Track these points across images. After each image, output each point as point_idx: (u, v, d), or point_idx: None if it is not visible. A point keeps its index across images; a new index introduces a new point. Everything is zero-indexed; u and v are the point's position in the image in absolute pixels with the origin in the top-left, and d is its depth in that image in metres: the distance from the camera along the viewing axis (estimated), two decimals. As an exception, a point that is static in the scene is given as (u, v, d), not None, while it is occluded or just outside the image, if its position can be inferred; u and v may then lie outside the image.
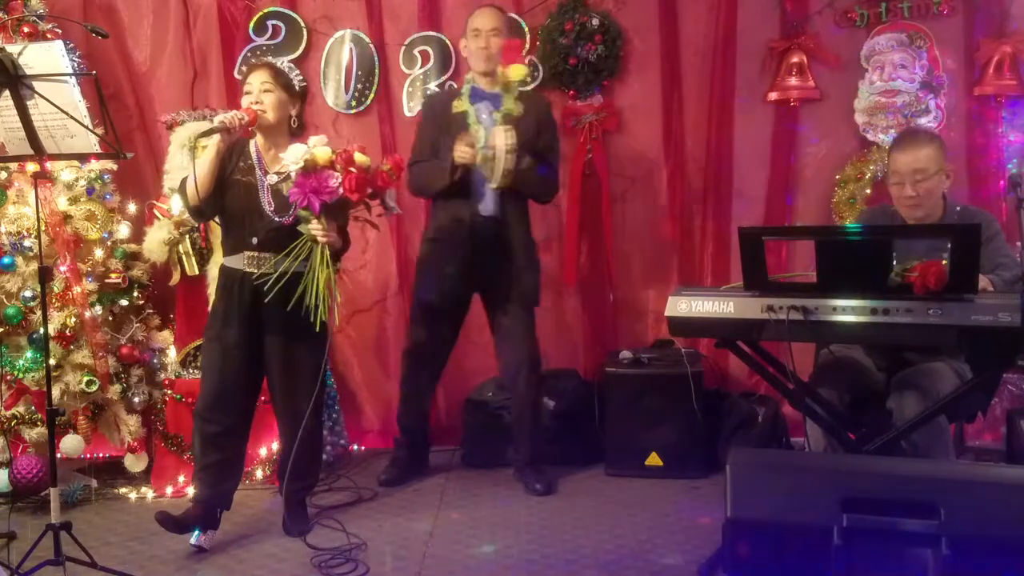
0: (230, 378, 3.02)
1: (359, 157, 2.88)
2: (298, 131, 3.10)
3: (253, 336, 3.03)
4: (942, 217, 2.96)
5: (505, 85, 3.49)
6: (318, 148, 2.82)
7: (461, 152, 3.38)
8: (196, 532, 3.06)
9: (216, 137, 2.89)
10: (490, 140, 3.40)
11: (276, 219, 2.96)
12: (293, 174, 2.80)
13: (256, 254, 2.98)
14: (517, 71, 3.45)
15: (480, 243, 3.52)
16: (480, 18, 3.58)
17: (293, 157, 2.79)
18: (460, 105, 3.54)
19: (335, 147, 2.88)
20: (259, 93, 2.99)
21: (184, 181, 2.99)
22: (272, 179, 2.96)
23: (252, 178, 3.00)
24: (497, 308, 3.64)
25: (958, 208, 3.06)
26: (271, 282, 2.88)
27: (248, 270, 2.98)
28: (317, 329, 2.89)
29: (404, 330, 4.27)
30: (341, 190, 2.81)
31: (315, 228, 2.86)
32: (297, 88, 3.10)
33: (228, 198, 2.99)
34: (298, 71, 3.21)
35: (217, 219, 3.14)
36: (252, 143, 3.07)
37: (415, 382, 3.76)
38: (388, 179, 3.00)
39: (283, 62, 3.15)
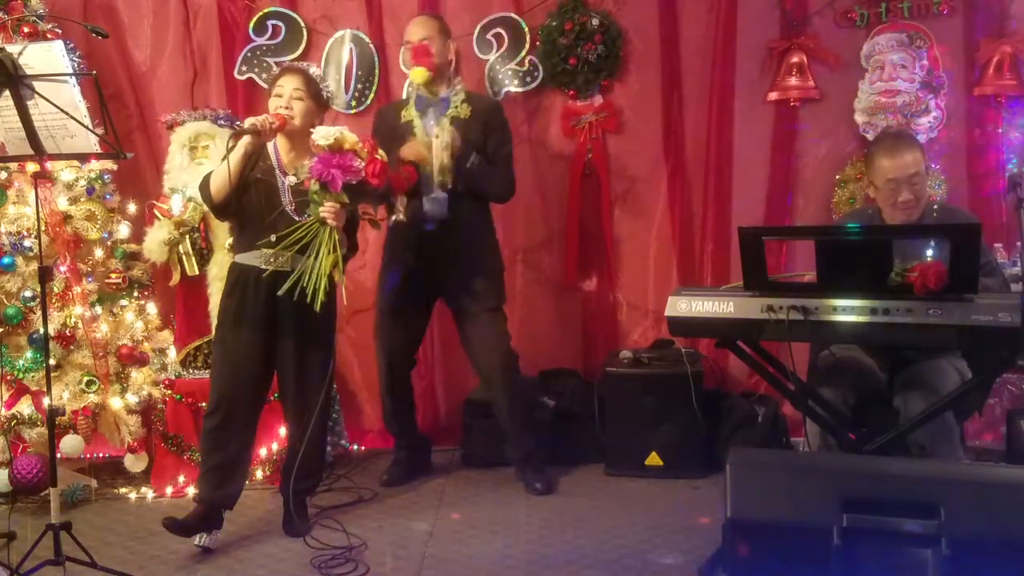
0: (241, 377, 3.04)
1: (381, 152, 2.94)
2: None
3: (265, 334, 3.04)
4: (921, 216, 2.96)
5: (424, 87, 3.47)
6: (347, 132, 2.88)
7: (411, 149, 3.40)
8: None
9: (246, 138, 2.92)
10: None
11: (296, 218, 2.98)
12: (318, 150, 2.85)
13: (273, 251, 2.98)
14: (417, 74, 3.45)
15: (426, 249, 3.51)
16: (411, 28, 3.59)
17: (322, 135, 2.83)
18: (407, 114, 3.55)
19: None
20: (289, 99, 3.02)
21: (205, 179, 3.00)
22: (292, 179, 3.00)
23: (272, 178, 3.03)
24: (459, 317, 3.64)
25: (936, 207, 3.07)
26: (289, 284, 2.89)
27: (265, 267, 2.99)
28: (317, 308, 2.87)
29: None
30: (363, 173, 2.85)
31: (326, 209, 2.87)
32: (325, 97, 3.12)
33: (247, 197, 3.01)
34: (328, 82, 3.22)
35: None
36: (271, 144, 3.09)
37: (386, 392, 3.75)
38: (404, 184, 3.03)
39: (314, 69, 3.18)
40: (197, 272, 3.77)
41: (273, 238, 2.97)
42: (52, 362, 3.16)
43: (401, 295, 3.62)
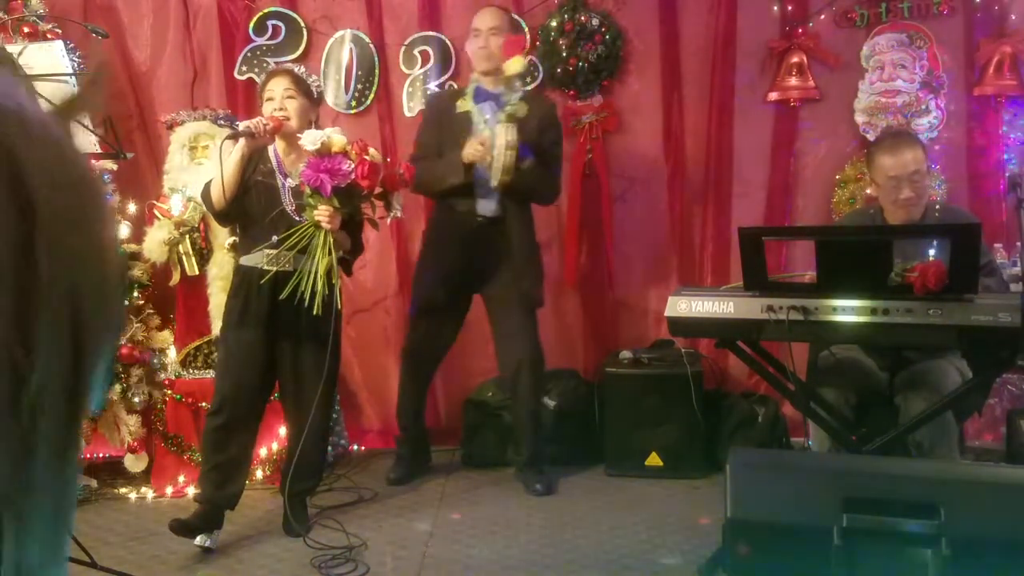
0: (244, 377, 3.04)
1: (372, 152, 2.95)
2: None
3: (268, 335, 3.05)
4: (923, 216, 2.96)
5: (506, 80, 3.46)
6: (334, 135, 2.88)
7: (473, 149, 3.39)
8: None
9: (242, 141, 2.93)
10: (494, 139, 3.41)
11: (297, 219, 2.99)
12: (307, 155, 2.87)
13: (275, 252, 2.99)
14: (514, 64, 3.41)
15: (478, 244, 3.52)
16: (479, 18, 3.60)
17: (310, 140, 2.84)
18: (464, 105, 3.54)
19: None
20: (282, 100, 3.03)
21: (206, 186, 3.02)
22: (292, 182, 3.01)
23: (273, 180, 3.04)
24: (497, 310, 3.65)
25: (937, 207, 3.07)
26: (288, 289, 2.92)
27: (267, 268, 3.00)
28: (316, 311, 2.89)
29: (404, 329, 4.29)
30: (353, 176, 2.85)
31: (320, 213, 2.88)
32: (315, 94, 3.13)
33: (248, 199, 3.03)
34: (314, 76, 3.24)
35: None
36: (271, 148, 3.10)
37: (410, 381, 3.77)
38: (399, 182, 3.05)
39: (299, 68, 3.21)
40: (197, 272, 3.77)
41: (275, 239, 2.99)
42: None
43: (441, 292, 3.61)
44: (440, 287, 3.60)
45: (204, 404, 3.64)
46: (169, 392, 3.72)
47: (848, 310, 2.48)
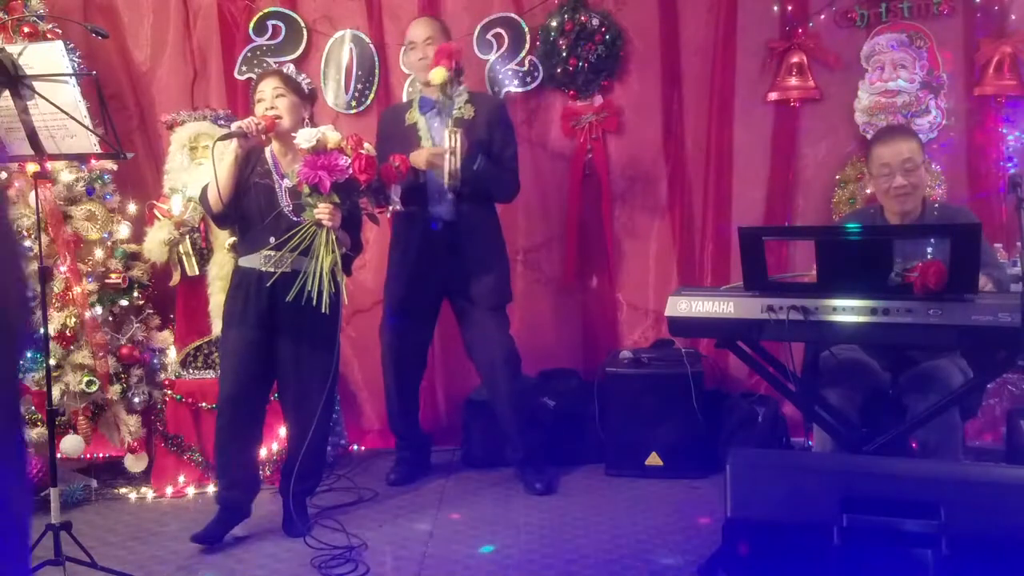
0: (244, 377, 3.06)
1: (367, 146, 2.96)
2: None
3: (267, 335, 3.06)
4: (922, 215, 2.97)
5: (437, 90, 3.43)
6: (329, 132, 2.89)
7: (424, 158, 3.42)
8: None
9: (235, 142, 2.94)
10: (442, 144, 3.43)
11: (294, 219, 2.99)
12: (302, 154, 2.88)
13: (273, 253, 3.00)
14: (436, 74, 3.39)
15: (434, 249, 3.54)
16: (413, 30, 3.61)
17: (305, 137, 2.85)
18: (411, 117, 3.57)
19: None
20: (272, 99, 3.03)
21: (204, 190, 3.04)
22: (289, 182, 3.02)
23: (270, 181, 3.05)
24: (463, 313, 3.66)
25: (936, 206, 3.07)
26: (295, 291, 2.92)
27: (265, 269, 3.00)
28: (324, 310, 2.91)
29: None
30: (351, 171, 2.86)
31: (320, 211, 2.89)
32: (306, 91, 3.14)
33: (247, 201, 3.04)
34: (304, 74, 3.25)
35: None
36: (268, 149, 3.11)
37: (395, 390, 3.76)
38: (395, 175, 3.05)
39: (288, 67, 3.22)
40: (197, 272, 3.77)
41: (272, 240, 2.99)
42: (52, 362, 3.16)
43: (408, 295, 3.63)
44: (400, 294, 3.63)
45: (204, 404, 3.66)
46: (169, 392, 3.72)
47: (848, 310, 2.48)
